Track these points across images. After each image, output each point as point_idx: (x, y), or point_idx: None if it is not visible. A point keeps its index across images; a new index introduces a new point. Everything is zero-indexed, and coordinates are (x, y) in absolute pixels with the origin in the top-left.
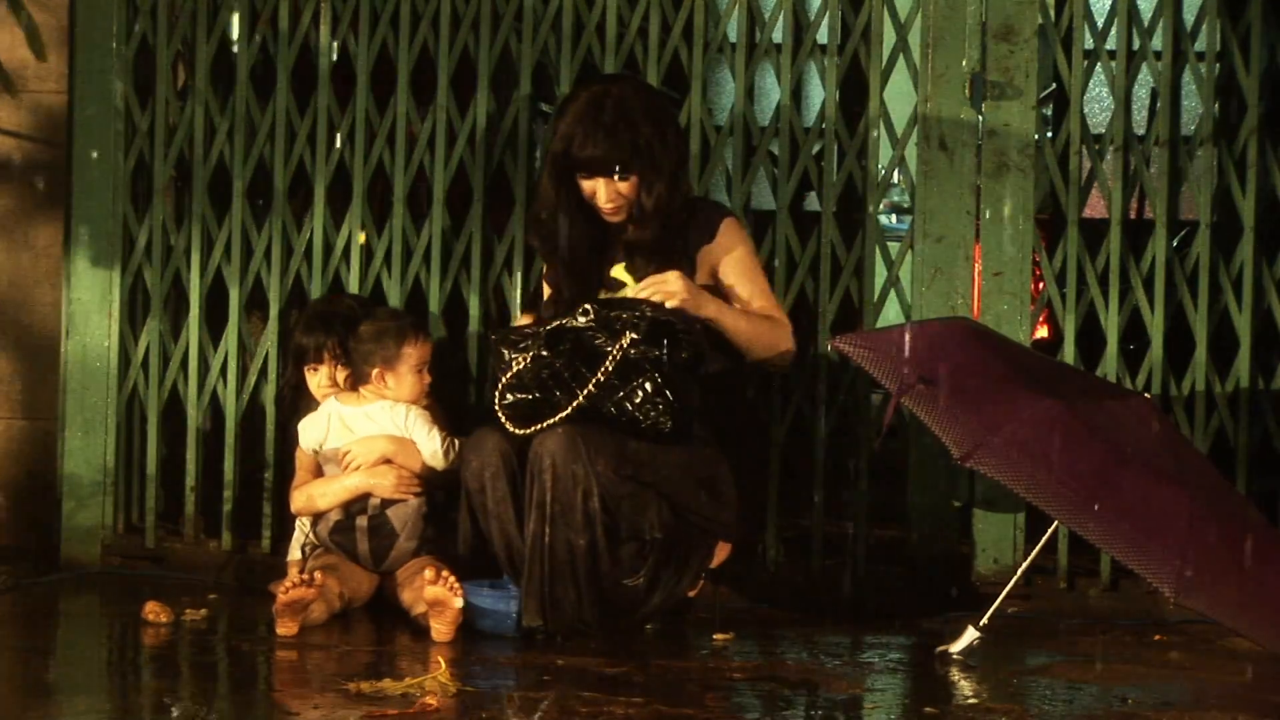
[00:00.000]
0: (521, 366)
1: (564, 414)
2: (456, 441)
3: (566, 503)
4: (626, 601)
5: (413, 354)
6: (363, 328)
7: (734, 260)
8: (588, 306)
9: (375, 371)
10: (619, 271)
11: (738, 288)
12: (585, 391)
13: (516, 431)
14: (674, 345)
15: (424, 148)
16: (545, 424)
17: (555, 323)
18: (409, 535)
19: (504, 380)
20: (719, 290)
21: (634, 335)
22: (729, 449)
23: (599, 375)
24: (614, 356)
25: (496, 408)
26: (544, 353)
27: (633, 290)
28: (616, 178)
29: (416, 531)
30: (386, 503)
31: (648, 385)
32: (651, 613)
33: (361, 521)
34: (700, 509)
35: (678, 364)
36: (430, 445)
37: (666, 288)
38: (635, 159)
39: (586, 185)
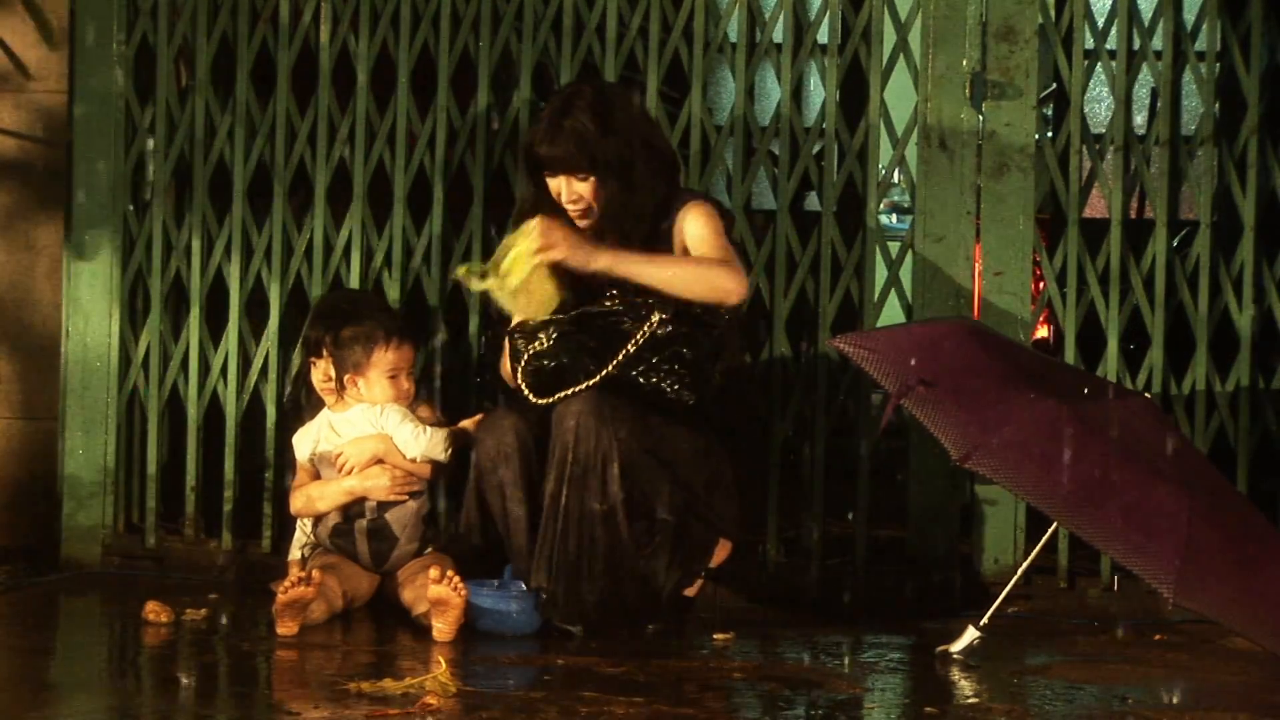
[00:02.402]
0: (544, 346)
1: (591, 382)
2: (438, 431)
3: (586, 464)
4: (639, 596)
5: (384, 360)
6: (343, 332)
7: (690, 230)
8: (614, 291)
9: (348, 376)
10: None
11: (692, 249)
12: (615, 361)
13: (538, 401)
14: (698, 331)
15: (424, 148)
16: (569, 391)
17: (579, 309)
18: (409, 538)
19: (530, 352)
20: None
21: (662, 315)
22: (730, 448)
23: (629, 347)
24: (645, 332)
25: (519, 380)
26: (570, 328)
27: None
28: (576, 178)
29: (416, 534)
30: (384, 506)
31: (674, 360)
32: (655, 611)
33: (360, 525)
34: (707, 501)
35: (701, 347)
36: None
37: (542, 241)
38: (590, 160)
39: (551, 184)
